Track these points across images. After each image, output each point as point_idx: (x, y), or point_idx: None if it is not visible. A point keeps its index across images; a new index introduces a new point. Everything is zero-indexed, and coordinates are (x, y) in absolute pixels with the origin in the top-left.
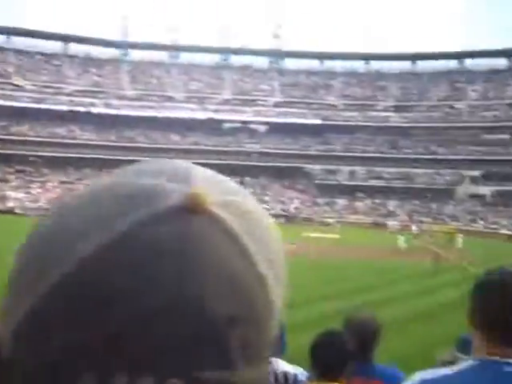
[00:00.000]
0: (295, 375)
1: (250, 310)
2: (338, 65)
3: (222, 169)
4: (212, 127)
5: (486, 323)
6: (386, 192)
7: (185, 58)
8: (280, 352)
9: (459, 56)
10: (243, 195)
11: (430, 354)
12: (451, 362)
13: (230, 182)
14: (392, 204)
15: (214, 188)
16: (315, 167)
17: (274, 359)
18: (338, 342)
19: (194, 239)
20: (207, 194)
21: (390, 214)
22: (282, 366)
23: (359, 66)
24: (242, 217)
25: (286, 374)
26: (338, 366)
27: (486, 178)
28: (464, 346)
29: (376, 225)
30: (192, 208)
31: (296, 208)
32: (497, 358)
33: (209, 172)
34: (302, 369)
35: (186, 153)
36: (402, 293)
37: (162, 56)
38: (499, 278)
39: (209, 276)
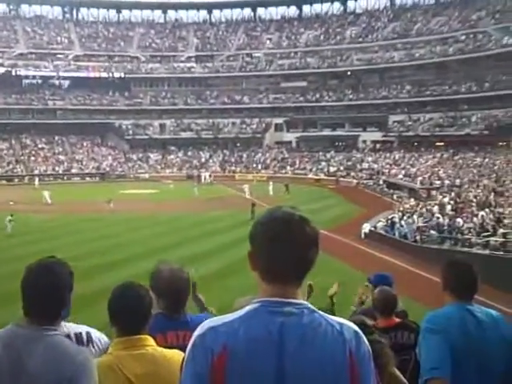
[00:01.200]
0: (88, 333)
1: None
2: (136, 15)
3: (27, 128)
4: (10, 83)
5: (261, 264)
6: (197, 144)
7: None
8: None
9: (253, 4)
10: None
11: None
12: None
13: None
14: (204, 155)
15: None
16: (124, 122)
17: (63, 324)
18: (135, 295)
19: None
20: None
21: (203, 166)
22: (72, 328)
23: (157, 15)
24: None
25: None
26: (138, 320)
27: (290, 125)
28: None
29: (190, 177)
30: None
31: (109, 165)
32: (276, 298)
33: None
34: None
35: None
36: (221, 244)
37: None
38: (280, 218)
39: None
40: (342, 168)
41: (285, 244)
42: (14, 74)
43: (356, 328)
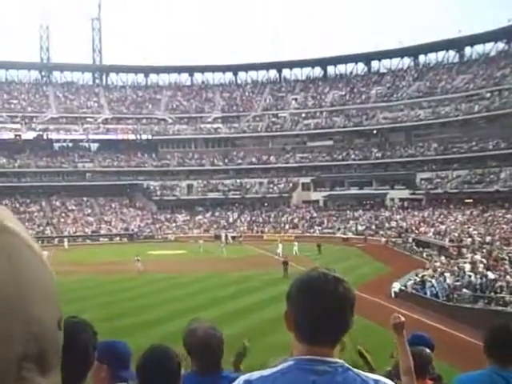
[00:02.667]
0: None
1: None
2: (163, 78)
3: (57, 190)
4: (42, 147)
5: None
6: (225, 204)
7: (2, 75)
8: None
9: (278, 66)
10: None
11: None
12: None
13: None
14: (231, 215)
15: None
16: (152, 183)
17: None
18: (166, 358)
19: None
20: None
21: (231, 226)
22: None
23: (184, 78)
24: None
25: None
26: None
27: (317, 184)
28: None
29: (218, 237)
30: None
31: (137, 226)
32: (310, 356)
33: None
34: None
35: (15, 176)
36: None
37: None
38: (316, 279)
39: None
40: (370, 226)
41: (321, 305)
42: (45, 137)
43: None
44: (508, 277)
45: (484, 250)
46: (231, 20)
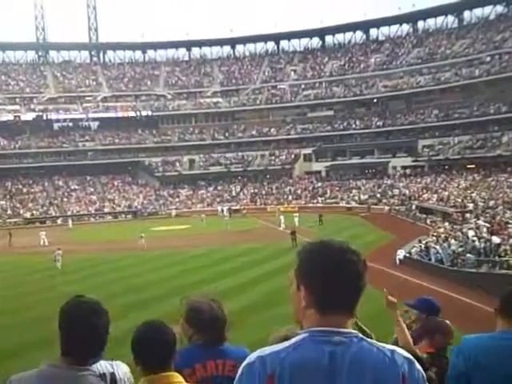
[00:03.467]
0: (112, 374)
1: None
2: (161, 54)
3: (59, 170)
4: (42, 128)
5: (315, 296)
6: (227, 177)
7: None
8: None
9: (276, 38)
10: None
11: None
12: (287, 338)
13: None
14: (234, 189)
15: None
16: (154, 159)
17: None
18: (156, 332)
19: None
20: None
21: (234, 199)
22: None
23: (182, 53)
24: None
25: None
26: (164, 359)
27: (318, 155)
28: None
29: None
30: None
31: (141, 203)
32: (324, 327)
33: None
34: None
35: (17, 157)
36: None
37: None
38: (327, 248)
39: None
40: (373, 195)
41: (340, 277)
42: (45, 118)
43: (407, 354)
44: (511, 240)
45: (487, 215)
46: None
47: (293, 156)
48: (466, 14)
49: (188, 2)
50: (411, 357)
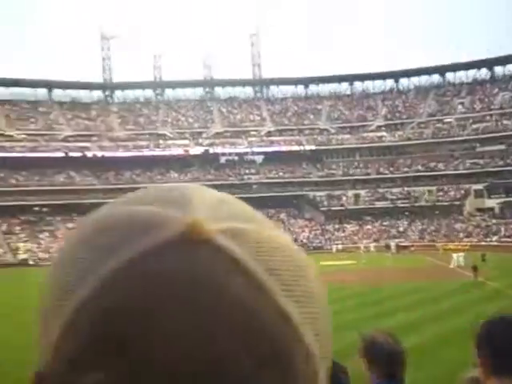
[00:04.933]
0: None
1: (271, 350)
2: (323, 88)
3: None
4: (209, 161)
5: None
6: (393, 213)
7: (170, 93)
8: None
9: (442, 70)
10: (259, 222)
11: None
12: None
13: (241, 208)
14: (401, 224)
15: (219, 214)
16: (318, 193)
17: None
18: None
19: (197, 274)
20: (208, 222)
21: (402, 235)
22: None
23: (344, 88)
24: (256, 246)
25: None
26: None
27: (491, 191)
28: None
29: (387, 247)
30: (191, 238)
31: (306, 237)
32: None
33: (216, 196)
34: None
35: None
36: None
37: (147, 94)
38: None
39: (221, 316)
40: None
41: None
42: (211, 152)
43: None
44: None
45: None
46: (388, 26)
47: (462, 192)
48: None
49: (349, 36)
50: None
